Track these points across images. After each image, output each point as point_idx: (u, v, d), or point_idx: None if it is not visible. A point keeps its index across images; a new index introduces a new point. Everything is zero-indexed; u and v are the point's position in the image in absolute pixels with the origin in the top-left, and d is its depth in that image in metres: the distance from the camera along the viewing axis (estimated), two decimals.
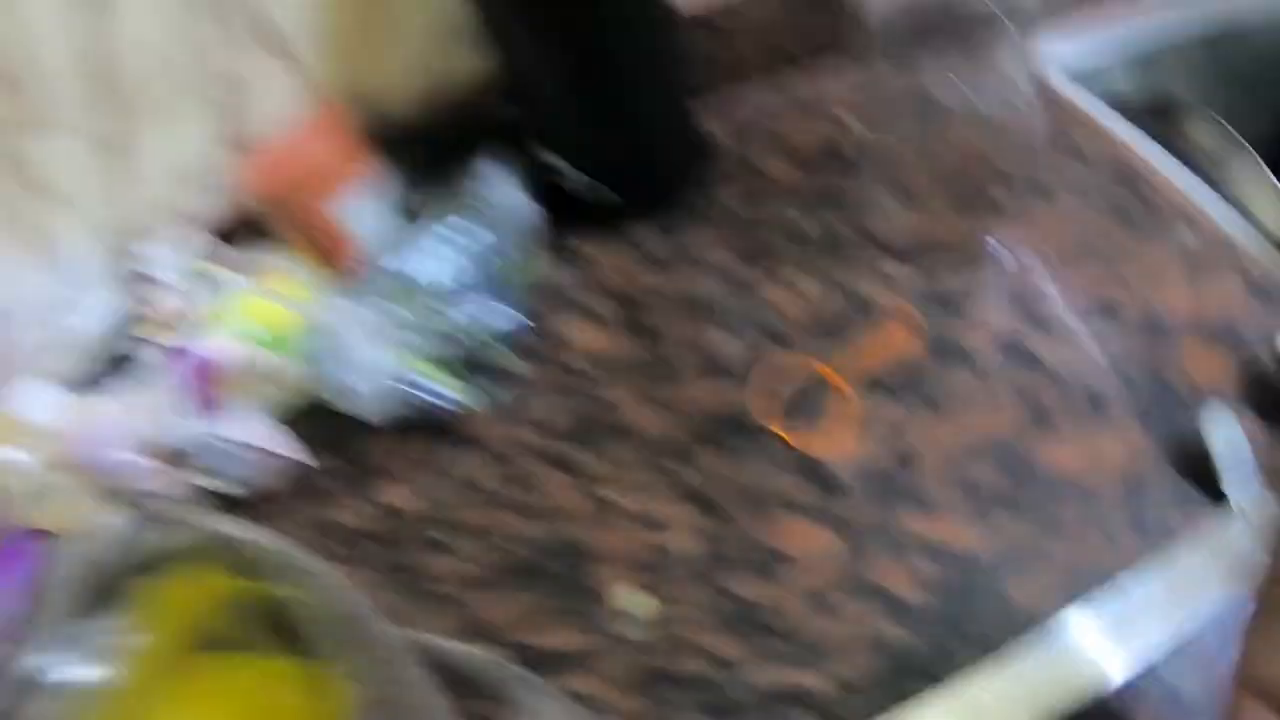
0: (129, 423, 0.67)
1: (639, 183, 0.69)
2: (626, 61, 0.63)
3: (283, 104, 0.75)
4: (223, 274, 0.77)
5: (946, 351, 0.56)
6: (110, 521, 0.68)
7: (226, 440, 0.64)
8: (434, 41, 0.71)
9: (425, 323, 0.59)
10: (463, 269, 0.60)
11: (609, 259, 0.67)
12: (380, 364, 0.58)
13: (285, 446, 0.65)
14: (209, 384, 0.64)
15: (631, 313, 0.63)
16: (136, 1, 0.67)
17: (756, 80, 0.77)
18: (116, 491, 0.70)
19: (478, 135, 0.69)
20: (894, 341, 0.57)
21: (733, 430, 0.56)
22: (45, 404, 0.78)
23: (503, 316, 0.60)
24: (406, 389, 0.58)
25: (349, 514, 0.61)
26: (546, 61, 0.63)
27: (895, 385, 0.55)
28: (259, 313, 0.71)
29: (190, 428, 0.64)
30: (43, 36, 0.68)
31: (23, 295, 0.80)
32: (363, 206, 0.68)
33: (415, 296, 0.59)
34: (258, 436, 0.64)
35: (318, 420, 0.65)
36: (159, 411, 0.66)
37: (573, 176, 0.66)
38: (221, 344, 0.65)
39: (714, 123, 0.74)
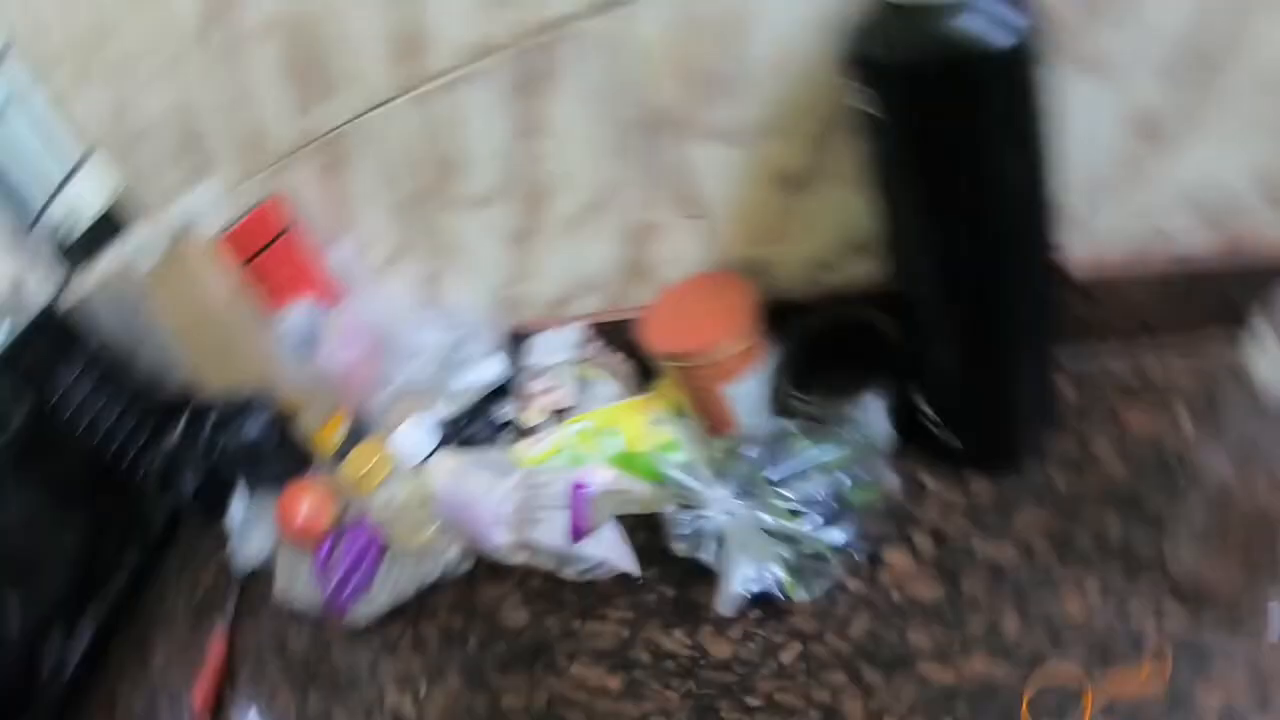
0: (500, 502, 0.93)
1: (987, 434, 0.84)
2: (1012, 319, 0.75)
3: (686, 257, 0.97)
4: (599, 380, 1.02)
5: (1179, 703, 0.70)
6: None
7: (581, 552, 0.91)
8: (838, 241, 0.90)
9: (773, 518, 0.80)
10: (816, 479, 0.80)
11: (940, 500, 0.84)
12: (731, 545, 0.81)
13: (625, 558, 0.90)
14: (582, 510, 0.89)
15: (946, 558, 0.81)
16: (570, 131, 0.92)
17: (1112, 347, 0.89)
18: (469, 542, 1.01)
19: (853, 338, 0.88)
20: (1142, 678, 0.71)
21: (995, 706, 0.73)
22: (420, 445, 1.10)
23: (839, 530, 0.80)
24: (748, 572, 0.81)
25: (666, 637, 0.85)
26: (935, 296, 0.76)
27: (1125, 718, 0.70)
28: (624, 427, 0.94)
29: (552, 535, 0.90)
30: (481, 134, 0.95)
31: (422, 343, 1.13)
32: (748, 389, 0.88)
33: (769, 493, 0.80)
34: (606, 548, 0.90)
35: (651, 535, 0.91)
36: (528, 506, 0.91)
37: (929, 412, 0.83)
38: (598, 472, 0.90)
39: (1063, 383, 0.87)
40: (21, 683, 1.34)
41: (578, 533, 0.90)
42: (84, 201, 1.80)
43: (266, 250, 1.19)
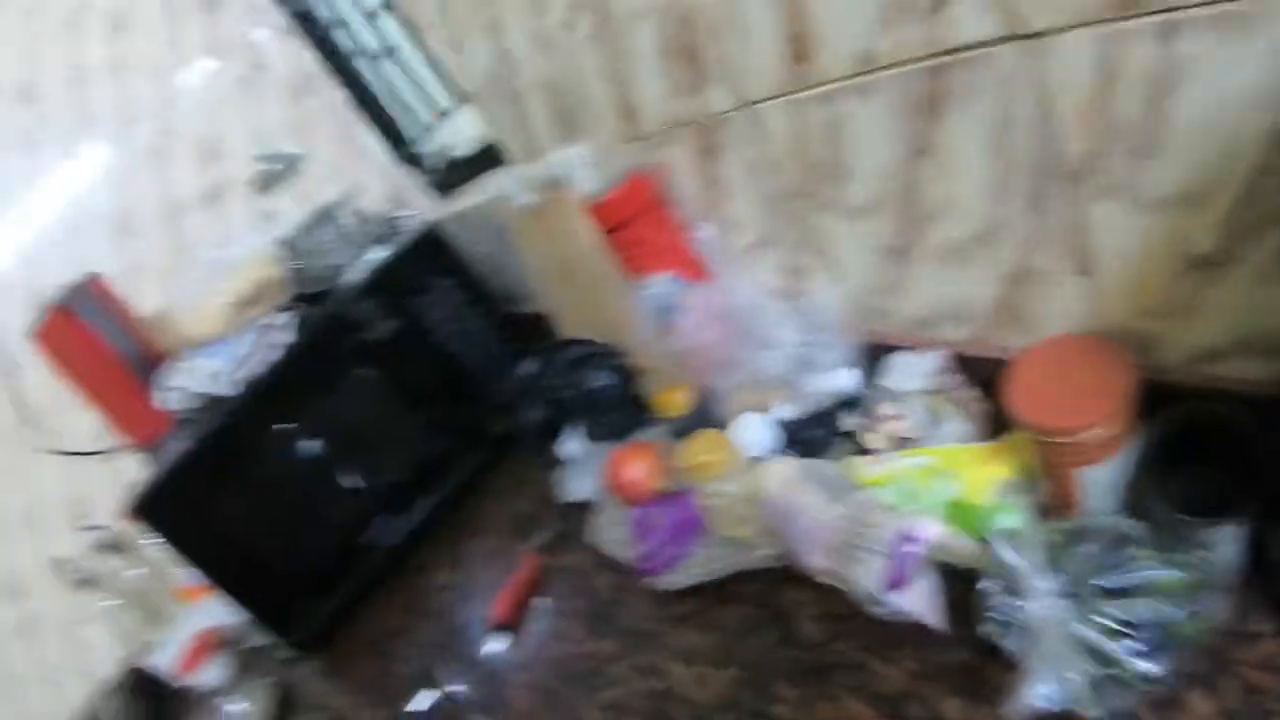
0: (826, 527, 1.00)
1: None
2: None
3: (1065, 311, 0.97)
4: (950, 416, 1.04)
5: None
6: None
7: (890, 600, 0.95)
8: (1236, 333, 0.87)
9: (1091, 630, 0.80)
10: (1146, 600, 0.79)
11: (1265, 652, 0.80)
12: (1040, 648, 0.82)
13: (931, 614, 0.94)
14: (903, 564, 0.93)
15: (1248, 717, 0.78)
16: (964, 160, 0.93)
17: None
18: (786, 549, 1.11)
19: (1225, 445, 0.84)
20: None
21: None
22: (760, 439, 1.20)
23: (1154, 661, 0.78)
24: (1048, 687, 0.81)
25: (945, 701, 0.90)
26: None
27: None
28: (964, 474, 0.97)
29: (868, 578, 0.95)
30: (868, 146, 1.00)
31: (778, 337, 1.23)
32: (1103, 476, 0.88)
33: (1095, 602, 0.81)
34: (916, 601, 0.94)
35: (963, 591, 0.93)
36: (852, 542, 0.97)
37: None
38: (927, 526, 0.93)
39: None
40: (351, 543, 1.77)
41: (893, 583, 0.94)
42: (458, 142, 2.14)
43: (635, 220, 1.33)
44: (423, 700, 1.41)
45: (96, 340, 1.82)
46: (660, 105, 1.24)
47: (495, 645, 1.40)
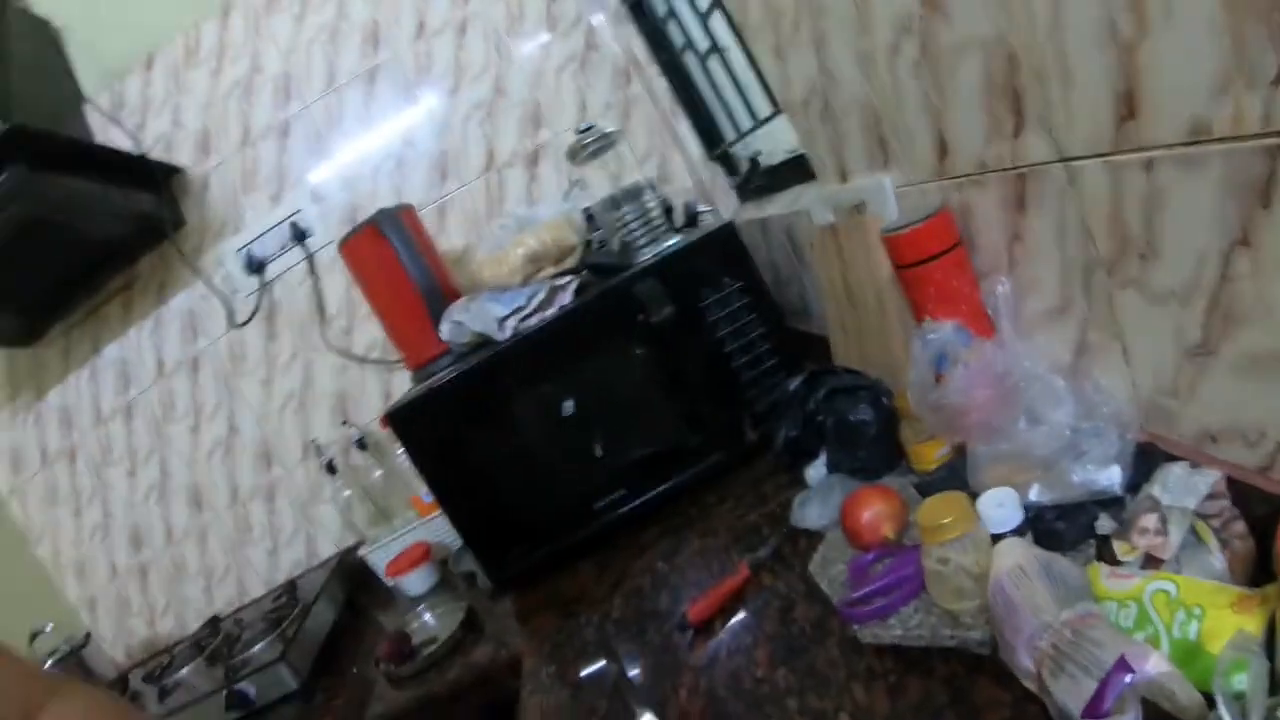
0: (1043, 631, 0.94)
1: None
2: None
3: None
4: (1209, 545, 0.96)
5: None
6: None
7: None
8: None
9: None
10: None
11: None
12: None
13: None
14: (1112, 692, 0.86)
15: None
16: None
17: None
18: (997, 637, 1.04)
19: None
20: None
21: None
22: (1003, 517, 1.12)
23: None
24: None
25: None
26: None
27: None
28: (1207, 615, 0.90)
29: (1069, 696, 0.89)
30: (1182, 226, 0.93)
31: (1051, 414, 1.15)
32: None
33: None
34: None
35: None
36: (1065, 653, 0.91)
37: None
38: (1150, 659, 0.85)
39: None
40: (579, 506, 1.93)
41: (1094, 710, 0.88)
42: (769, 149, 2.20)
43: (932, 260, 1.30)
44: (597, 668, 1.51)
45: (396, 263, 2.04)
46: (974, 146, 1.21)
47: (681, 641, 1.46)
